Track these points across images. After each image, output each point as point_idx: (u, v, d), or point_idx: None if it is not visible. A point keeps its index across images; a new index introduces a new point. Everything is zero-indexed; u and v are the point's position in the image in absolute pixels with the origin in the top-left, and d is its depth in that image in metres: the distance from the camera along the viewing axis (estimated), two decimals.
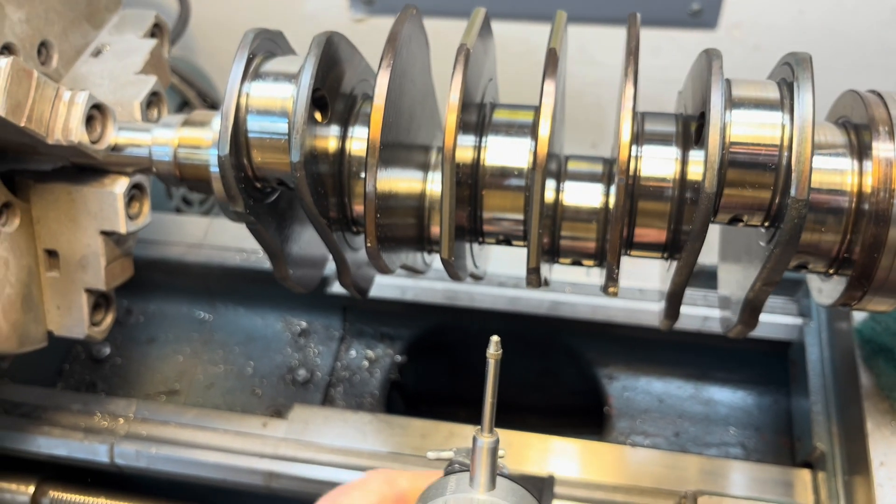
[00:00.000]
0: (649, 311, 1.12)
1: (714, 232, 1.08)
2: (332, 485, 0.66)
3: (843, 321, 0.96)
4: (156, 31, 0.93)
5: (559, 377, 1.29)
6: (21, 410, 1.05)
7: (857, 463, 0.86)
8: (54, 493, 1.06)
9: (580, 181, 0.75)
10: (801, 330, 1.04)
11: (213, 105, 1.57)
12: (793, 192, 0.57)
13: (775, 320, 1.09)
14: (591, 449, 0.99)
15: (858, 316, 0.93)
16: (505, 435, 0.83)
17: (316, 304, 1.25)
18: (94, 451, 1.01)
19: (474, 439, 0.54)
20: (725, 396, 1.15)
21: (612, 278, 0.63)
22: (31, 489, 1.05)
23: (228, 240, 1.23)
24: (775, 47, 1.71)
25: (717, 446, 1.12)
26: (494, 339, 0.54)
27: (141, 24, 0.92)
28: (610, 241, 0.60)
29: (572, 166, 0.77)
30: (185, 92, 1.54)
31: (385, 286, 1.16)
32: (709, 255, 0.81)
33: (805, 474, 0.93)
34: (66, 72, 0.86)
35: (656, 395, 1.17)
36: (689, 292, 1.11)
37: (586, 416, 1.22)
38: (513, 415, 0.94)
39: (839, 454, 0.90)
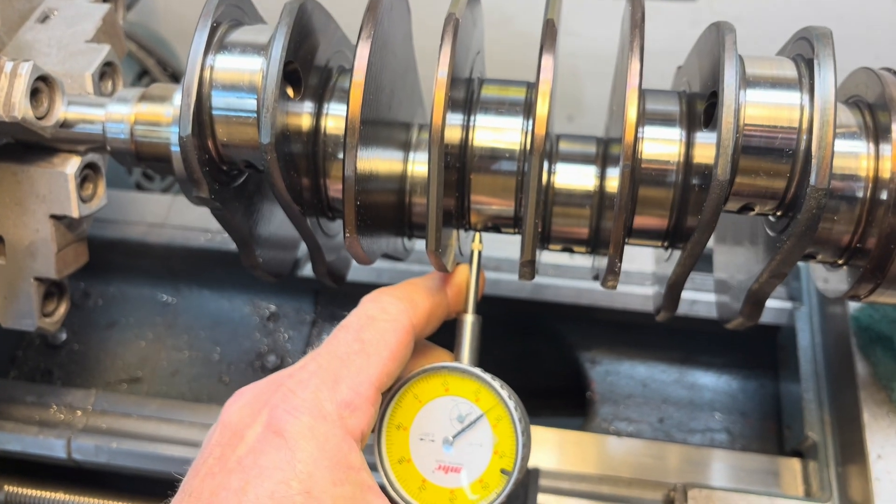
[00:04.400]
0: (633, 295, 1.07)
1: None
2: None
3: (838, 307, 0.93)
4: None
5: (540, 360, 1.25)
6: None
7: (853, 454, 0.83)
8: (10, 489, 1.01)
9: (573, 163, 0.70)
10: (790, 314, 1.01)
11: (174, 75, 1.48)
12: (812, 180, 0.52)
13: None
14: (573, 439, 0.96)
15: (854, 302, 0.90)
16: None
17: (286, 286, 1.19)
18: (50, 447, 0.96)
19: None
20: (710, 381, 1.12)
21: (612, 272, 0.58)
22: None
23: (192, 219, 1.16)
24: (757, 18, 1.67)
25: (702, 432, 1.09)
26: (477, 235, 0.68)
27: None
28: (613, 232, 0.55)
29: (564, 146, 0.72)
30: (144, 60, 1.45)
31: (360, 269, 1.10)
32: None
33: (794, 463, 0.91)
34: (9, 39, 0.79)
35: (640, 379, 1.13)
36: None
37: (568, 400, 1.19)
38: None
39: (832, 444, 0.87)
